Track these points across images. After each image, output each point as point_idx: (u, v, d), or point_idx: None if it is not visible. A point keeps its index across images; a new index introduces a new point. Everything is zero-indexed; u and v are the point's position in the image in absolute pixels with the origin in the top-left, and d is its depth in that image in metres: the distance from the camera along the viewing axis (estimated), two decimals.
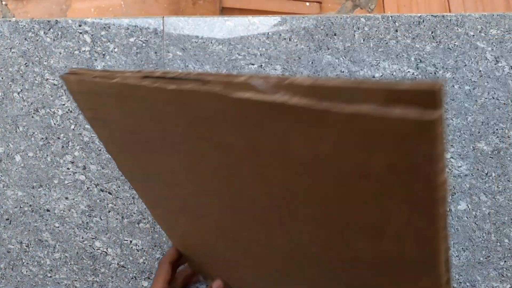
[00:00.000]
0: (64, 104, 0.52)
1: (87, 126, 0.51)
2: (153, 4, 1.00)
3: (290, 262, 0.30)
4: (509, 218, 0.52)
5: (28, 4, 1.11)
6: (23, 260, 0.51)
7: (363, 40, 0.53)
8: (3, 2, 1.14)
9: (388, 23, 0.54)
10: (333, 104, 0.17)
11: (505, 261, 0.52)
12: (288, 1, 1.03)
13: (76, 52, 0.53)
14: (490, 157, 0.53)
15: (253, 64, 0.53)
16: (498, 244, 0.52)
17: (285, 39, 0.53)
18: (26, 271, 0.50)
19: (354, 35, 0.53)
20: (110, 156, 0.49)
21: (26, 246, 0.51)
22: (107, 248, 0.51)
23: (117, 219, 0.51)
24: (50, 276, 0.50)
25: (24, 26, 0.53)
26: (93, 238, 0.51)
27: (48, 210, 0.51)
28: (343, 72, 0.53)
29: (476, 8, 0.96)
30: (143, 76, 0.24)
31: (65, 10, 1.09)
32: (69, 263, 0.50)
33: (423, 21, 0.54)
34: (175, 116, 0.25)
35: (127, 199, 0.51)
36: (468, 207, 0.52)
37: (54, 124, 0.52)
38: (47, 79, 0.52)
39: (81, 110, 0.32)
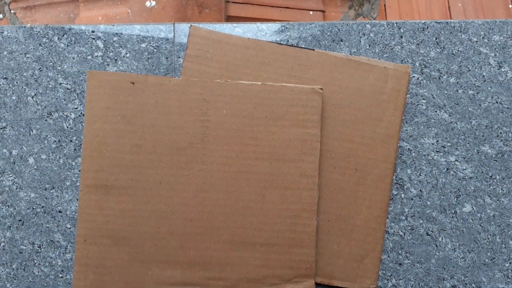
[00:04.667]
0: (76, 108, 0.53)
1: None
2: (160, 12, 1.02)
3: None
4: None
5: (36, 13, 1.13)
6: (35, 261, 0.51)
7: (369, 46, 0.55)
8: (12, 11, 1.16)
9: (393, 29, 0.55)
10: None
11: (510, 263, 0.52)
12: (292, 10, 1.05)
13: (89, 57, 0.54)
14: (494, 160, 0.54)
15: None
16: (503, 245, 0.52)
17: (292, 45, 0.54)
18: (38, 272, 0.51)
19: (360, 41, 0.55)
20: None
21: (38, 247, 0.51)
22: None
23: None
24: (61, 277, 0.51)
25: (39, 32, 0.54)
26: None
27: (60, 211, 0.52)
28: None
29: (477, 16, 0.97)
30: None
31: (73, 19, 1.11)
32: None
33: (427, 27, 0.55)
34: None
35: None
36: (473, 209, 0.53)
37: (67, 127, 0.53)
38: (61, 83, 0.54)
39: None
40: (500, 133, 0.54)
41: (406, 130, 0.54)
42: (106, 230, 0.49)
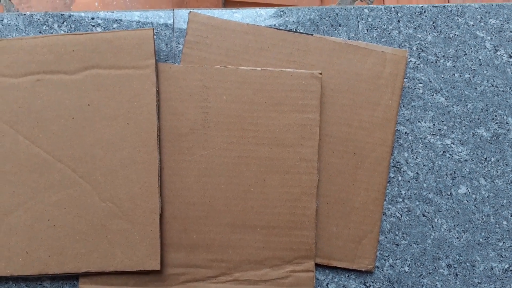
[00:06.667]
0: None
1: None
2: None
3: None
4: (508, 201, 0.54)
5: None
6: None
7: (367, 31, 0.55)
8: None
9: (390, 13, 0.55)
10: None
11: (503, 242, 0.54)
12: None
13: None
14: (489, 142, 0.55)
15: None
16: (497, 226, 0.54)
17: (291, 30, 0.55)
18: None
19: (358, 26, 0.55)
20: None
21: None
22: None
23: None
24: None
25: (39, 19, 0.54)
26: None
27: None
28: None
29: (473, 0, 0.97)
30: None
31: (69, 5, 1.10)
32: None
33: (424, 11, 0.56)
34: None
35: None
36: (468, 190, 0.54)
37: None
38: None
39: None
40: (495, 116, 0.55)
41: (403, 114, 0.55)
42: None
